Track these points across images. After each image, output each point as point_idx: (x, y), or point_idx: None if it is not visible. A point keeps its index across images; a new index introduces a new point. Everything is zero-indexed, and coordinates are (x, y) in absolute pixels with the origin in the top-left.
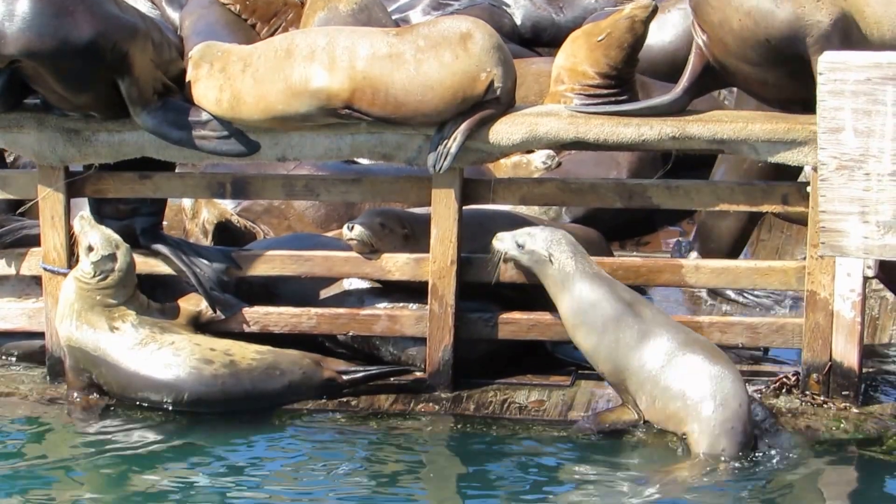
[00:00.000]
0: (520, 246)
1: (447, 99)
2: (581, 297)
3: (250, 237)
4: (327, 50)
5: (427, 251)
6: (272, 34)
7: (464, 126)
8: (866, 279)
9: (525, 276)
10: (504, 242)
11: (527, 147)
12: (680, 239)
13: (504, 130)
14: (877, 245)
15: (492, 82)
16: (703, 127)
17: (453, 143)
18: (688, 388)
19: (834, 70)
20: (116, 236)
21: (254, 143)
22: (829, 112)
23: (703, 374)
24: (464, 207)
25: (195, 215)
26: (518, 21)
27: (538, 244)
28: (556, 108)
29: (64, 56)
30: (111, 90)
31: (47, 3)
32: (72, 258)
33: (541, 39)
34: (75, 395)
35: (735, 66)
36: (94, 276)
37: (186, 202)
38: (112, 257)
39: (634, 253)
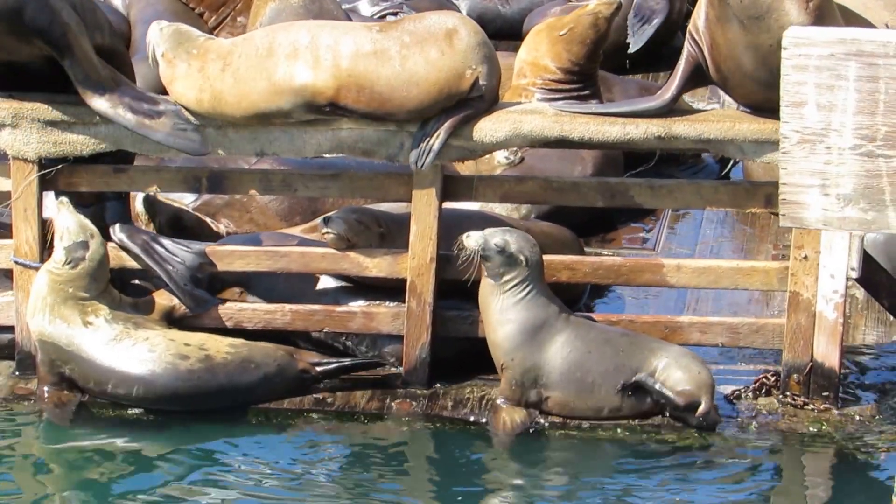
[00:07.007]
0: (499, 248)
1: (432, 95)
2: (530, 300)
3: (207, 232)
4: (310, 48)
5: (402, 252)
6: (220, 23)
7: (447, 123)
8: (849, 280)
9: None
10: (476, 241)
11: (511, 145)
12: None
13: (488, 128)
14: (836, 217)
15: (477, 79)
16: (690, 126)
17: (436, 140)
18: (645, 352)
19: (798, 45)
20: (92, 226)
21: (206, 146)
22: (792, 86)
23: (645, 337)
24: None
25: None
26: (463, 12)
27: (516, 247)
28: (540, 106)
29: None
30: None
31: None
32: (44, 252)
33: (486, 32)
34: (46, 390)
35: (740, 81)
36: (65, 263)
37: (139, 207)
38: (84, 245)
39: (599, 250)
